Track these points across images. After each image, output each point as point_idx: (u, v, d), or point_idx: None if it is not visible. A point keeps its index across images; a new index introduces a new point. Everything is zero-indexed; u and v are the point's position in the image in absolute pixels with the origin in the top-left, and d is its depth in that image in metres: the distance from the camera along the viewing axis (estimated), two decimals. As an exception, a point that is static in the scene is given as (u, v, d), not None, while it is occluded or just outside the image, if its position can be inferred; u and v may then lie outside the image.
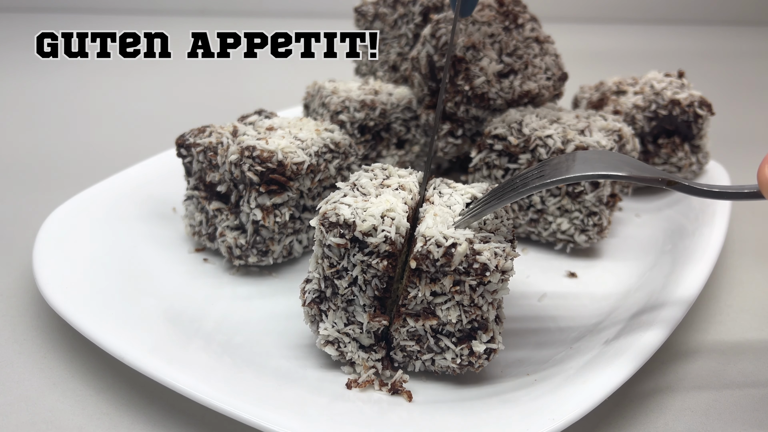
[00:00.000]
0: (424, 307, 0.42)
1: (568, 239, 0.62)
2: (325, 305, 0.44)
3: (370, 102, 0.69)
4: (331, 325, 0.44)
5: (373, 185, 0.45)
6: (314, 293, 0.44)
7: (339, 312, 0.44)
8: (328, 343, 0.45)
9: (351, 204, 0.42)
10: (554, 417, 0.38)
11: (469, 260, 0.40)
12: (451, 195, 0.46)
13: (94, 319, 0.47)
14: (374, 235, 0.41)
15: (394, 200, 0.43)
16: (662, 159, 0.72)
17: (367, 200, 0.43)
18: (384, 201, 0.42)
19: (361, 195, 0.44)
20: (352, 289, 0.43)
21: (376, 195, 0.44)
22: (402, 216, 0.42)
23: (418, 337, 0.43)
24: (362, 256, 0.41)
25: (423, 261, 0.40)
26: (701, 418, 0.44)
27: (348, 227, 0.41)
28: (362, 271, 0.42)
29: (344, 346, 0.44)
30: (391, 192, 0.45)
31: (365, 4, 0.78)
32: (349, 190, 0.45)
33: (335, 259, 0.42)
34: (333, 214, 0.42)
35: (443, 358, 0.43)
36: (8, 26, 1.76)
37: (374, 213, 0.41)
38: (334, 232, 0.41)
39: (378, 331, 0.44)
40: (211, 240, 0.59)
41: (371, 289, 0.42)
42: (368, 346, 0.44)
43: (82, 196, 0.64)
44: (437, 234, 0.40)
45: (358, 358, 0.44)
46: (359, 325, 0.44)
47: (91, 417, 0.44)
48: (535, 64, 0.67)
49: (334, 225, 0.41)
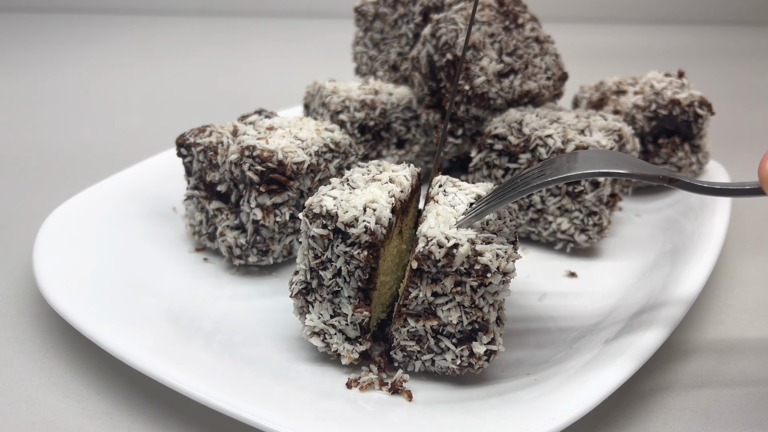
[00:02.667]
0: (425, 308, 0.42)
1: (568, 239, 0.62)
2: (312, 296, 0.45)
3: (370, 102, 0.69)
4: (317, 316, 0.45)
5: (363, 179, 0.46)
6: (301, 284, 0.45)
7: (325, 303, 0.44)
8: (314, 334, 0.45)
9: (336, 196, 0.43)
10: (554, 417, 0.38)
11: (471, 261, 0.40)
12: (455, 195, 0.46)
13: (94, 318, 0.47)
14: (355, 225, 0.41)
15: (378, 192, 0.44)
16: (662, 159, 0.72)
17: (353, 193, 0.44)
18: (368, 193, 0.43)
19: (349, 188, 0.45)
20: (337, 281, 0.43)
21: (364, 188, 0.45)
22: (385, 207, 0.43)
23: (418, 338, 0.43)
24: (345, 247, 0.42)
25: (424, 261, 0.40)
26: (701, 418, 0.44)
27: (331, 218, 0.42)
28: (345, 262, 0.42)
29: (330, 337, 0.45)
30: (379, 185, 0.45)
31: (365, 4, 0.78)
32: (339, 184, 0.45)
33: (319, 250, 0.43)
34: (317, 205, 0.42)
35: (443, 359, 0.43)
36: (8, 26, 1.76)
37: (356, 204, 0.42)
38: (317, 223, 0.42)
39: (363, 323, 0.44)
40: (211, 240, 0.59)
41: (354, 280, 0.43)
42: (354, 338, 0.45)
43: (82, 196, 0.64)
44: (439, 234, 0.40)
45: (343, 350, 0.45)
46: (344, 317, 0.44)
47: (91, 417, 0.44)
48: (535, 64, 0.67)
49: (318, 216, 0.42)
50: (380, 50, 0.79)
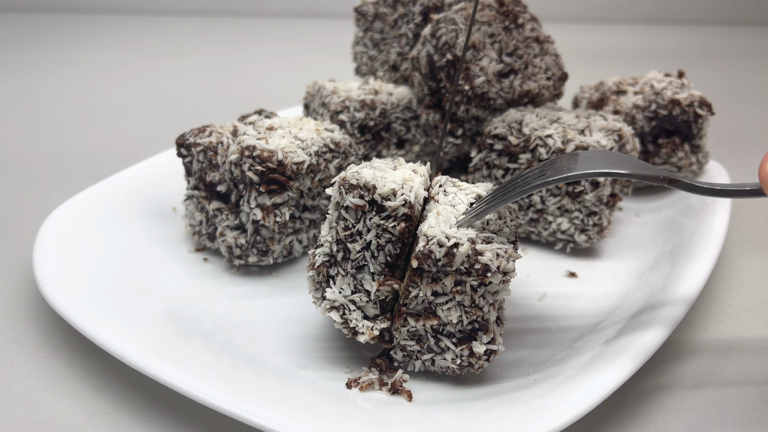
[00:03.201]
0: (425, 307, 0.42)
1: (568, 239, 0.62)
2: (335, 270, 0.45)
3: (370, 102, 0.69)
4: (339, 290, 0.44)
5: (387, 166, 0.46)
6: (325, 257, 0.45)
7: (348, 278, 0.44)
8: (333, 309, 0.45)
9: (374, 168, 0.44)
10: (554, 417, 0.38)
11: (471, 260, 0.40)
12: (455, 195, 0.46)
13: (94, 319, 0.47)
14: (393, 199, 0.42)
15: (411, 173, 0.44)
16: (662, 159, 0.72)
17: (385, 171, 0.44)
18: (402, 172, 0.44)
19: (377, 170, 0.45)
20: (364, 254, 0.43)
21: (393, 170, 0.45)
22: (420, 186, 0.43)
23: (418, 337, 0.43)
24: (379, 220, 0.42)
25: (425, 261, 0.40)
26: (701, 418, 0.44)
27: (368, 190, 0.42)
28: (377, 235, 0.43)
29: (349, 313, 0.44)
30: (409, 167, 0.46)
31: (365, 4, 0.78)
32: (364, 168, 0.46)
33: (351, 221, 0.43)
34: (354, 177, 0.43)
35: (443, 359, 0.43)
36: (8, 26, 1.76)
37: (395, 179, 0.43)
38: (354, 193, 0.42)
39: (386, 299, 0.44)
40: (211, 240, 0.59)
41: (383, 254, 0.43)
42: (373, 316, 0.44)
43: (82, 196, 0.64)
44: (439, 234, 0.40)
45: (362, 327, 0.44)
46: (366, 293, 0.44)
47: (91, 417, 0.44)
48: (535, 64, 0.67)
49: (355, 187, 0.43)
50: (380, 50, 0.79)
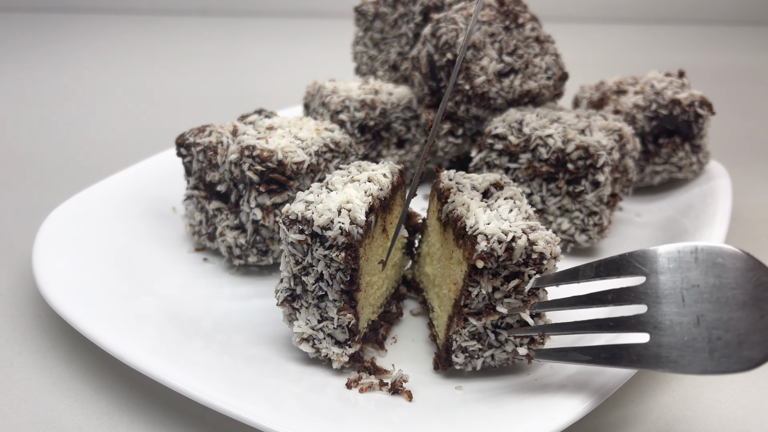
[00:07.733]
0: (486, 304, 0.42)
1: (569, 239, 0.62)
2: (298, 303, 0.45)
3: (370, 101, 0.69)
4: (304, 322, 0.45)
5: (342, 182, 0.46)
6: (286, 292, 0.45)
7: (311, 309, 0.44)
8: (304, 341, 0.45)
9: (311, 201, 0.43)
10: (554, 417, 0.38)
11: (528, 251, 0.41)
12: (469, 185, 0.48)
13: (94, 319, 0.47)
14: (331, 228, 0.41)
15: (353, 192, 0.44)
16: (662, 159, 0.72)
17: (328, 196, 0.44)
18: (342, 194, 0.43)
19: (327, 191, 0.45)
20: (320, 285, 0.43)
21: (340, 190, 0.45)
22: (360, 207, 0.43)
23: (478, 336, 0.44)
24: (323, 250, 0.42)
25: (488, 259, 0.40)
26: (701, 418, 0.44)
27: (306, 222, 0.42)
28: (326, 265, 0.42)
29: (319, 342, 0.45)
30: (356, 186, 0.45)
31: (365, 4, 0.78)
32: (318, 188, 0.46)
33: (300, 255, 0.43)
34: (292, 212, 0.43)
35: (503, 351, 0.44)
36: (8, 26, 1.76)
37: (330, 207, 0.42)
38: (294, 229, 0.42)
39: (350, 326, 0.44)
40: (211, 240, 0.59)
41: (337, 282, 0.43)
42: (343, 341, 0.45)
43: (82, 195, 0.64)
44: (497, 231, 0.41)
45: (333, 354, 0.45)
46: (332, 320, 0.44)
47: (91, 417, 0.44)
48: (536, 64, 0.67)
49: (294, 222, 0.42)
50: (380, 50, 0.79)
